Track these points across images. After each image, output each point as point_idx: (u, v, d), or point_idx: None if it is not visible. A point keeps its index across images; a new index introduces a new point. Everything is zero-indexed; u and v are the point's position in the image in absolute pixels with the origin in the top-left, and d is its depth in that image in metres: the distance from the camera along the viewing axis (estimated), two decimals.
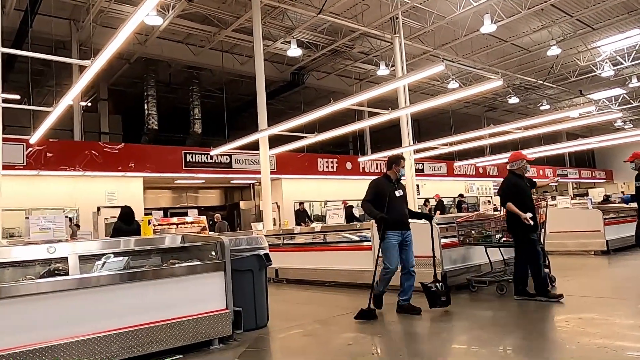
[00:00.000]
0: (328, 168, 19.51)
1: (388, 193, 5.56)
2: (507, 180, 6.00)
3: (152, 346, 4.12)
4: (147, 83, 16.99)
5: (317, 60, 18.16)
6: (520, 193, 5.78)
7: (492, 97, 24.37)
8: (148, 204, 17.29)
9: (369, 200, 5.62)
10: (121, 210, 9.28)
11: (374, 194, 5.63)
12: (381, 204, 5.48)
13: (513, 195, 5.76)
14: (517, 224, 5.68)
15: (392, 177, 5.78)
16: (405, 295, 5.54)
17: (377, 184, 5.73)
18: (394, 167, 5.75)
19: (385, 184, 5.71)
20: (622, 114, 24.00)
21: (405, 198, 5.81)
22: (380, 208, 5.45)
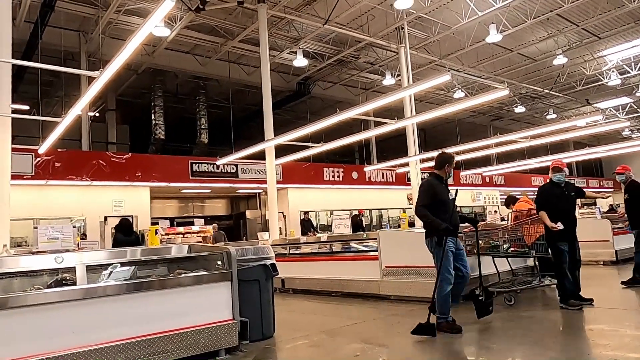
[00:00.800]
0: (334, 177, 19.50)
1: (443, 196, 5.05)
2: (540, 188, 6.13)
3: (158, 356, 4.10)
4: (155, 93, 17.14)
5: (323, 70, 18.26)
6: (550, 201, 5.77)
7: (498, 106, 24.34)
8: (155, 213, 17.34)
9: (425, 205, 4.99)
10: (120, 222, 9.42)
11: (431, 198, 5.03)
12: (437, 209, 4.94)
13: (544, 203, 5.79)
14: (547, 232, 5.70)
15: (442, 177, 5.23)
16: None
17: (433, 186, 5.11)
18: (446, 167, 5.20)
19: (440, 186, 5.14)
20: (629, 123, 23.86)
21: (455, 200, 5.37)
22: (436, 213, 4.91)
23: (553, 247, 5.71)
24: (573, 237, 5.84)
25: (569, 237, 5.76)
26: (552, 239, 5.66)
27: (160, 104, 17.12)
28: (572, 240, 5.84)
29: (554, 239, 5.65)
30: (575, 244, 5.85)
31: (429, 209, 4.94)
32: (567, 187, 5.94)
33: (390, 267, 7.15)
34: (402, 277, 6.94)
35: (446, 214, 4.88)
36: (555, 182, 5.91)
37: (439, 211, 4.90)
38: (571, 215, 5.88)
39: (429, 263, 6.59)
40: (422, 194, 5.09)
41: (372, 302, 7.06)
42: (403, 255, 7.04)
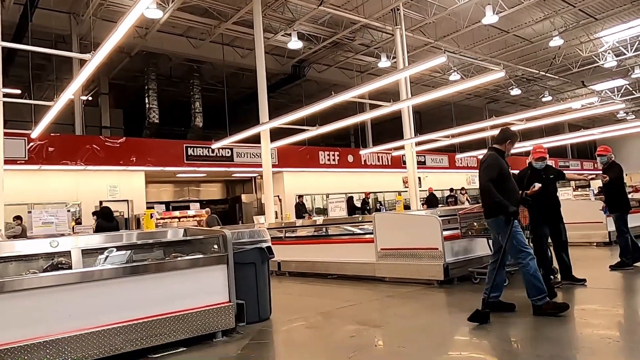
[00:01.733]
0: (329, 161, 19.49)
1: (507, 171, 4.72)
2: (520, 172, 6.17)
3: (155, 339, 4.13)
4: (148, 77, 16.96)
5: (318, 52, 18.09)
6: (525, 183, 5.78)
7: (494, 88, 24.27)
8: (150, 198, 17.31)
9: (492, 180, 4.60)
10: (101, 210, 9.64)
11: (498, 174, 4.65)
12: (502, 187, 4.61)
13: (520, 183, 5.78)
14: (530, 215, 5.73)
15: (503, 152, 4.88)
16: (498, 291, 4.78)
17: (499, 161, 4.72)
18: (507, 144, 4.88)
19: (503, 161, 4.78)
20: (624, 105, 23.90)
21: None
22: (501, 191, 4.58)
23: (534, 230, 5.74)
24: (556, 220, 5.87)
25: (549, 220, 5.79)
26: (534, 222, 5.67)
27: (154, 88, 16.96)
28: (555, 222, 5.87)
29: (535, 222, 5.67)
30: (559, 226, 5.90)
31: (493, 185, 4.59)
32: (546, 171, 5.90)
33: (385, 250, 7.20)
34: (398, 259, 6.99)
35: (512, 192, 4.65)
36: (536, 167, 5.89)
37: (501, 188, 4.60)
38: (552, 198, 5.86)
39: (424, 245, 6.65)
40: (487, 168, 4.67)
41: (368, 285, 7.11)
42: (398, 237, 7.08)
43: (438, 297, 5.99)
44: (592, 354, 3.55)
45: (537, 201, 5.64)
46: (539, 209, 5.72)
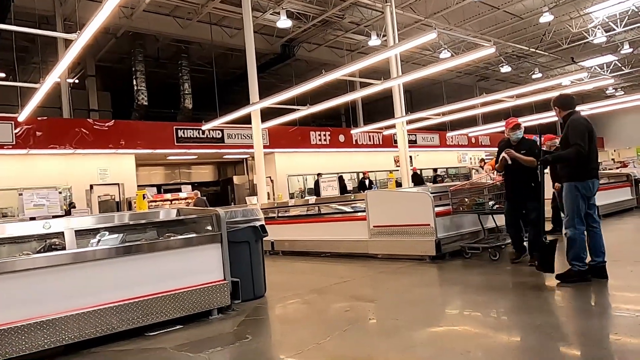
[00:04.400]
0: (321, 141, 19.46)
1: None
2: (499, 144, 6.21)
3: (151, 317, 4.18)
4: (135, 58, 16.68)
5: (308, 31, 17.87)
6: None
7: (484, 66, 24.21)
8: (141, 180, 17.23)
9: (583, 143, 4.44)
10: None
11: (588, 136, 4.51)
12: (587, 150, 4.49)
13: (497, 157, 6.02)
14: None
15: None
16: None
17: (586, 121, 4.63)
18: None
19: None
20: (613, 80, 23.96)
21: None
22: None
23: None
24: (522, 197, 5.70)
25: (513, 196, 5.83)
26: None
27: (142, 69, 16.70)
28: (521, 199, 5.73)
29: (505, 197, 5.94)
30: (529, 205, 5.62)
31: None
32: (519, 145, 5.79)
33: (378, 227, 7.26)
34: (390, 236, 7.07)
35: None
36: (513, 139, 5.83)
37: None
38: (517, 174, 5.70)
39: (416, 222, 6.73)
40: (576, 131, 4.52)
41: (361, 262, 7.20)
42: (390, 215, 7.14)
43: (430, 272, 6.08)
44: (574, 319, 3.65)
45: (507, 175, 5.78)
46: (505, 184, 5.92)
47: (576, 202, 4.53)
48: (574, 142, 4.42)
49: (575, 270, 4.53)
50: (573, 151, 4.43)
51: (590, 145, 4.49)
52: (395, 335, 3.59)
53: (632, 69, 25.56)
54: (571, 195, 4.53)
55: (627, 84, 29.28)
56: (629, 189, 11.38)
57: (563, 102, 4.78)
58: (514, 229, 5.91)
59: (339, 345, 3.49)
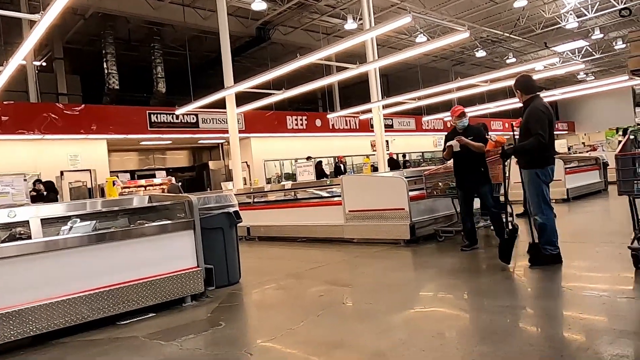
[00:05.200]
0: (297, 126, 19.36)
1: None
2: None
3: (123, 306, 4.11)
4: (105, 40, 16.18)
5: (283, 14, 17.60)
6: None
7: (460, 50, 24.34)
8: (114, 166, 16.87)
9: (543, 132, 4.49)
10: (47, 184, 10.23)
11: (548, 124, 4.58)
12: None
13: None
14: None
15: None
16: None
17: (546, 109, 4.67)
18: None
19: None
20: (584, 65, 24.43)
21: None
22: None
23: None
24: (474, 183, 5.78)
25: (465, 184, 5.87)
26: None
27: (112, 52, 16.22)
28: (473, 186, 5.80)
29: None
30: (482, 190, 5.76)
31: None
32: (466, 132, 5.80)
33: (353, 212, 7.29)
34: (365, 220, 7.10)
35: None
36: (460, 127, 5.84)
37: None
38: (466, 161, 5.75)
39: (391, 206, 6.77)
40: (536, 120, 4.54)
41: (337, 246, 7.23)
42: (366, 199, 7.16)
43: (404, 255, 6.15)
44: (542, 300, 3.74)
45: (456, 163, 5.84)
46: (455, 172, 5.96)
47: (540, 189, 4.63)
48: (535, 132, 4.47)
49: (548, 254, 4.63)
50: (535, 142, 4.49)
51: (549, 133, 4.57)
52: (369, 319, 3.62)
53: (602, 54, 26.08)
54: (534, 182, 4.61)
55: (597, 69, 29.90)
56: (597, 172, 11.69)
57: (525, 85, 4.78)
58: (469, 219, 5.88)
59: (313, 330, 3.50)
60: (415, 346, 2.98)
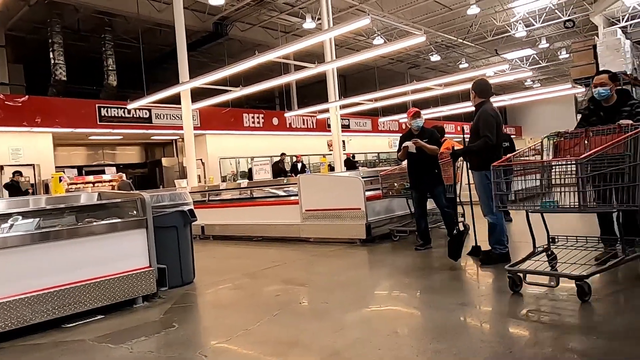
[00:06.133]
0: (254, 123, 19.17)
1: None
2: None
3: (69, 308, 3.92)
4: (52, 29, 15.38)
5: (241, 10, 17.36)
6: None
7: (415, 54, 24.87)
8: (59, 161, 16.10)
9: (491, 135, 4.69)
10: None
11: (496, 127, 4.79)
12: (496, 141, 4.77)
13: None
14: None
15: None
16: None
17: (495, 113, 4.87)
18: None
19: None
20: (531, 73, 25.55)
21: None
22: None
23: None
24: (428, 184, 5.93)
25: (419, 185, 6.02)
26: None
27: (60, 41, 15.44)
28: (427, 187, 5.96)
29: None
30: (435, 191, 5.93)
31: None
32: (420, 134, 5.97)
33: (310, 211, 7.29)
34: (322, 220, 7.12)
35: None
36: (414, 128, 5.99)
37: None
38: (421, 163, 5.88)
39: (347, 205, 6.82)
40: (487, 123, 4.74)
41: (293, 245, 7.21)
42: (322, 199, 7.18)
43: (360, 255, 6.21)
44: (493, 298, 3.88)
45: (410, 165, 5.97)
46: (409, 173, 6.08)
47: (489, 190, 4.79)
48: (484, 134, 4.66)
49: (497, 253, 4.80)
50: (482, 144, 4.68)
51: (496, 136, 4.77)
52: (325, 318, 3.63)
53: (548, 63, 27.41)
54: (483, 183, 4.78)
55: (543, 77, 31.38)
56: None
57: (482, 89, 4.98)
58: (424, 220, 6.02)
59: (269, 330, 3.47)
60: (371, 344, 3.00)
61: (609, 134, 3.78)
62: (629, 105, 4.19)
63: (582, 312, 3.31)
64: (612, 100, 4.27)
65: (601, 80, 4.26)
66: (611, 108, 4.25)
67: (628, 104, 4.20)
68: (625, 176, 3.57)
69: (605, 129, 3.84)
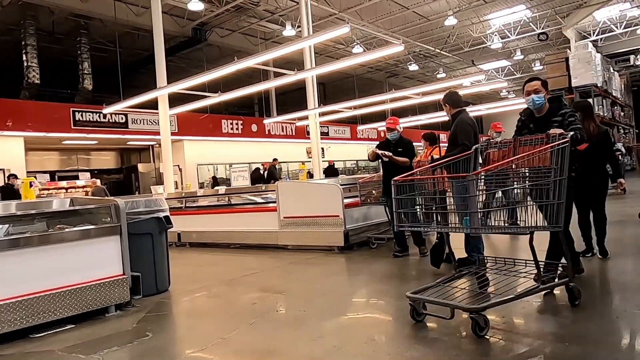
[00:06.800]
0: (233, 130, 19.07)
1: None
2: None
3: (38, 317, 3.80)
4: (25, 31, 15.04)
5: (221, 16, 17.31)
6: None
7: (394, 63, 25.17)
8: (31, 166, 15.68)
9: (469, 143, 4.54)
10: None
11: (473, 136, 4.77)
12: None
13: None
14: None
15: None
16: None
17: (472, 121, 4.90)
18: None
19: None
20: (507, 84, 26.11)
21: None
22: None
23: None
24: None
25: (389, 193, 6.09)
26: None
27: (33, 44, 15.10)
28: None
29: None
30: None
31: None
32: (396, 144, 6.04)
33: (288, 218, 7.26)
34: (300, 227, 7.09)
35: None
36: (389, 139, 6.08)
37: None
38: (393, 172, 5.73)
39: (325, 213, 6.81)
40: (465, 130, 4.74)
41: (271, 253, 7.16)
42: (301, 206, 7.16)
43: (338, 262, 6.20)
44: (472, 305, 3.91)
45: (385, 174, 6.02)
46: (384, 182, 6.08)
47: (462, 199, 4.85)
48: (462, 142, 4.67)
49: (474, 260, 4.85)
50: (460, 152, 4.69)
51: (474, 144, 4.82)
52: (302, 326, 3.60)
53: (522, 74, 28.06)
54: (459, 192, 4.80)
55: (518, 88, 32.07)
56: (516, 182, 12.44)
57: (454, 100, 5.03)
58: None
59: (245, 339, 3.42)
60: (349, 352, 2.99)
61: (536, 144, 3.45)
62: (560, 114, 3.86)
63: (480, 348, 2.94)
64: (544, 110, 3.96)
65: (534, 86, 3.93)
66: (542, 119, 3.94)
67: (559, 113, 3.87)
68: (550, 192, 3.24)
69: (534, 139, 3.52)
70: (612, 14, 19.12)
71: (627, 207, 8.80)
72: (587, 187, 4.75)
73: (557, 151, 3.23)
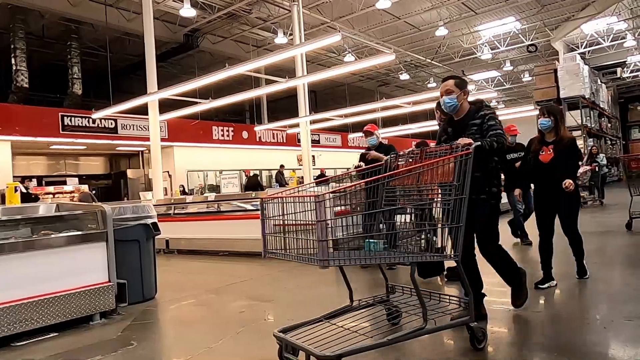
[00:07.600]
0: (223, 137, 19.03)
1: None
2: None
3: (20, 325, 3.72)
4: (15, 34, 14.92)
5: (213, 22, 17.33)
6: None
7: (385, 72, 25.33)
8: (18, 171, 15.50)
9: None
10: None
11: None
12: None
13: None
14: None
15: None
16: None
17: None
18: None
19: None
20: (496, 94, 26.39)
21: None
22: None
23: None
24: None
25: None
26: None
27: (22, 47, 14.98)
28: None
29: None
30: None
31: None
32: (377, 150, 6.02)
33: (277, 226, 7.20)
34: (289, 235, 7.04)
35: None
36: (370, 144, 6.09)
37: None
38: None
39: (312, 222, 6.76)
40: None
41: (260, 261, 7.10)
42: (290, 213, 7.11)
43: (328, 270, 6.15)
44: None
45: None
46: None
47: None
48: None
49: None
50: None
51: None
52: None
53: (512, 84, 28.39)
54: None
55: (507, 98, 32.45)
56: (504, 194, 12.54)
57: None
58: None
59: (232, 348, 3.38)
60: None
61: (442, 155, 2.97)
62: (479, 117, 3.36)
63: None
64: (462, 113, 3.47)
65: (446, 87, 3.45)
66: (460, 123, 3.46)
67: (478, 115, 3.37)
68: (449, 213, 2.79)
69: (439, 150, 3.03)
70: (600, 27, 19.46)
71: (613, 218, 8.89)
72: (552, 204, 4.26)
73: (459, 165, 2.76)
